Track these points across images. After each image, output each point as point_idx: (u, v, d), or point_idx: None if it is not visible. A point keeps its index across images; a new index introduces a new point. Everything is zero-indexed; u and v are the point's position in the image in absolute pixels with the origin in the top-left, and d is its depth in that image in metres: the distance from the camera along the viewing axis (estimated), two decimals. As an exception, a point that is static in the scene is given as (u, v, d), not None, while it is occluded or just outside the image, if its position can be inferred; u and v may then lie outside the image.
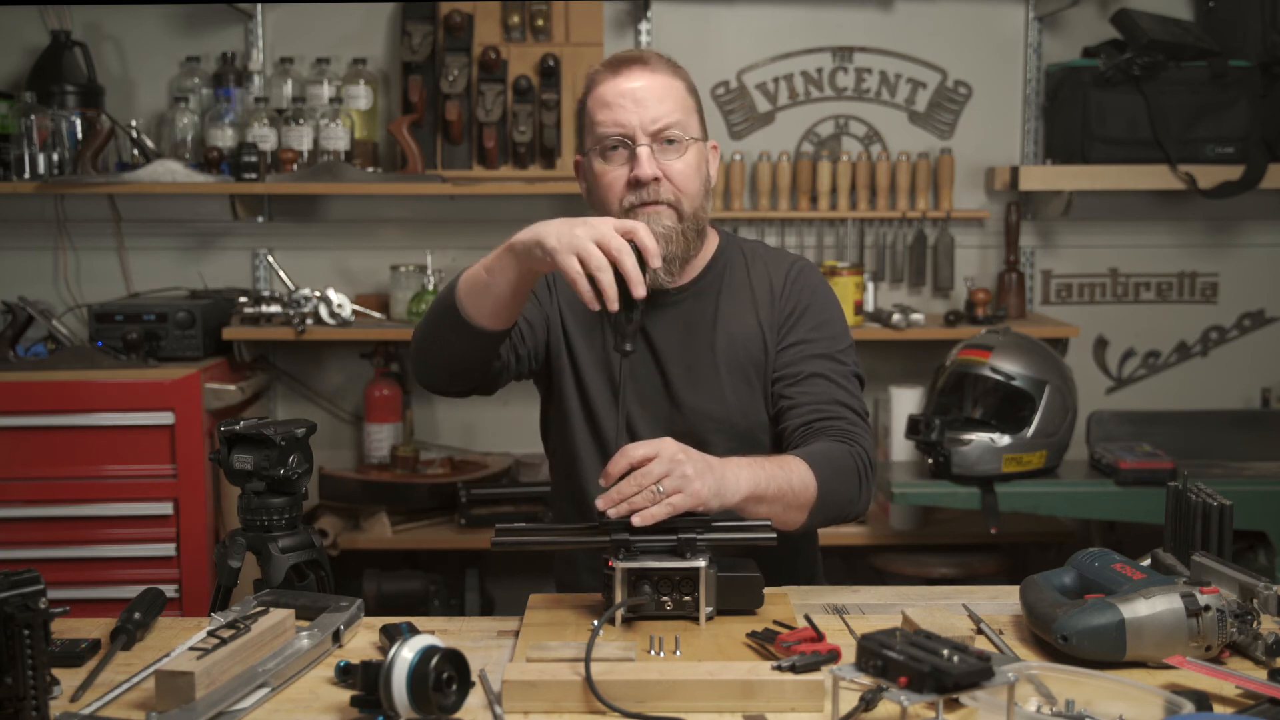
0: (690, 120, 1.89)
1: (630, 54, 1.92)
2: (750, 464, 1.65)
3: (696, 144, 1.89)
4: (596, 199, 1.97)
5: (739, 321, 1.92)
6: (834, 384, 1.86)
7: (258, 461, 1.61)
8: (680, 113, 1.87)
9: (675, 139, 1.85)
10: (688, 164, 1.87)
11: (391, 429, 3.48)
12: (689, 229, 1.88)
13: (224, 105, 3.36)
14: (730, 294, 1.95)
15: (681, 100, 1.89)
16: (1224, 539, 1.65)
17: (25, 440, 2.94)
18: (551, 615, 1.58)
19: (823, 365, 1.88)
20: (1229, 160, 3.32)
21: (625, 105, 1.86)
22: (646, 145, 1.85)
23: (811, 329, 1.91)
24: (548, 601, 1.63)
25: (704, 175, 1.91)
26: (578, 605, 1.61)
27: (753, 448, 1.85)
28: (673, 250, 1.86)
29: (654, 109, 1.85)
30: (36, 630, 1.20)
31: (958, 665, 1.15)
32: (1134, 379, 3.68)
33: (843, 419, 1.82)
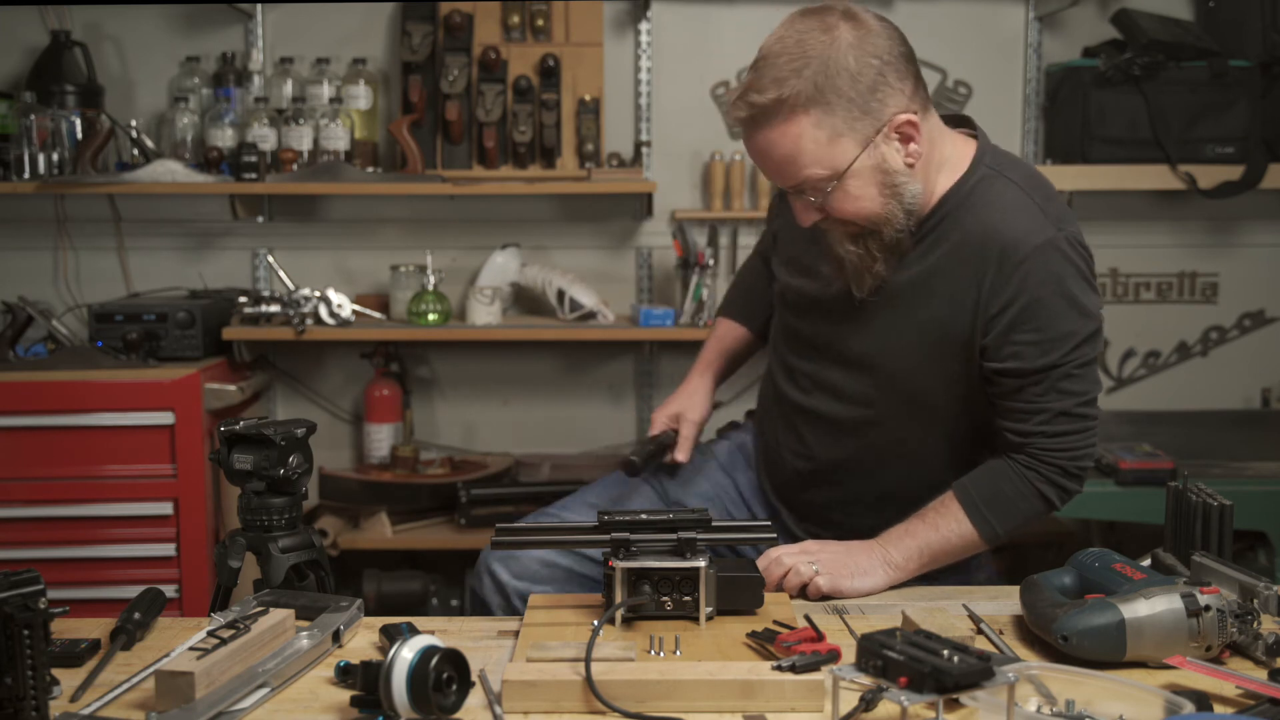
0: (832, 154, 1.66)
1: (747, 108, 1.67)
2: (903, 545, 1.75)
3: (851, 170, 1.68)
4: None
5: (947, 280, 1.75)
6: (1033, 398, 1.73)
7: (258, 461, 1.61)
8: (811, 164, 1.67)
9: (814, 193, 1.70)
10: (845, 195, 1.69)
11: (391, 429, 3.48)
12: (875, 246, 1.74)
13: (224, 105, 3.36)
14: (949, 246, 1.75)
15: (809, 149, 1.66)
16: (1224, 539, 1.65)
17: (25, 440, 2.94)
18: (551, 615, 1.58)
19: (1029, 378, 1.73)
20: (1229, 160, 3.31)
21: (762, 165, 1.74)
22: (797, 197, 1.73)
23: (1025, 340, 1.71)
24: (548, 601, 1.63)
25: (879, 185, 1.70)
26: (578, 605, 1.61)
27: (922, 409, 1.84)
28: (858, 268, 1.76)
29: (783, 173, 1.70)
30: (36, 630, 1.20)
31: (958, 665, 1.15)
32: (1134, 379, 3.68)
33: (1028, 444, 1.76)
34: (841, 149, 1.66)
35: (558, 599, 1.65)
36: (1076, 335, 1.72)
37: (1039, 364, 1.72)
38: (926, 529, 1.78)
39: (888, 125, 1.67)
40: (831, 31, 1.65)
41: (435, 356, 3.62)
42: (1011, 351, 1.73)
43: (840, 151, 1.66)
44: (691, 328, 3.29)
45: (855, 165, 1.67)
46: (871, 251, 1.74)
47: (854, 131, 1.66)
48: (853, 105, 1.65)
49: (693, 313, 3.29)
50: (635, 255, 3.56)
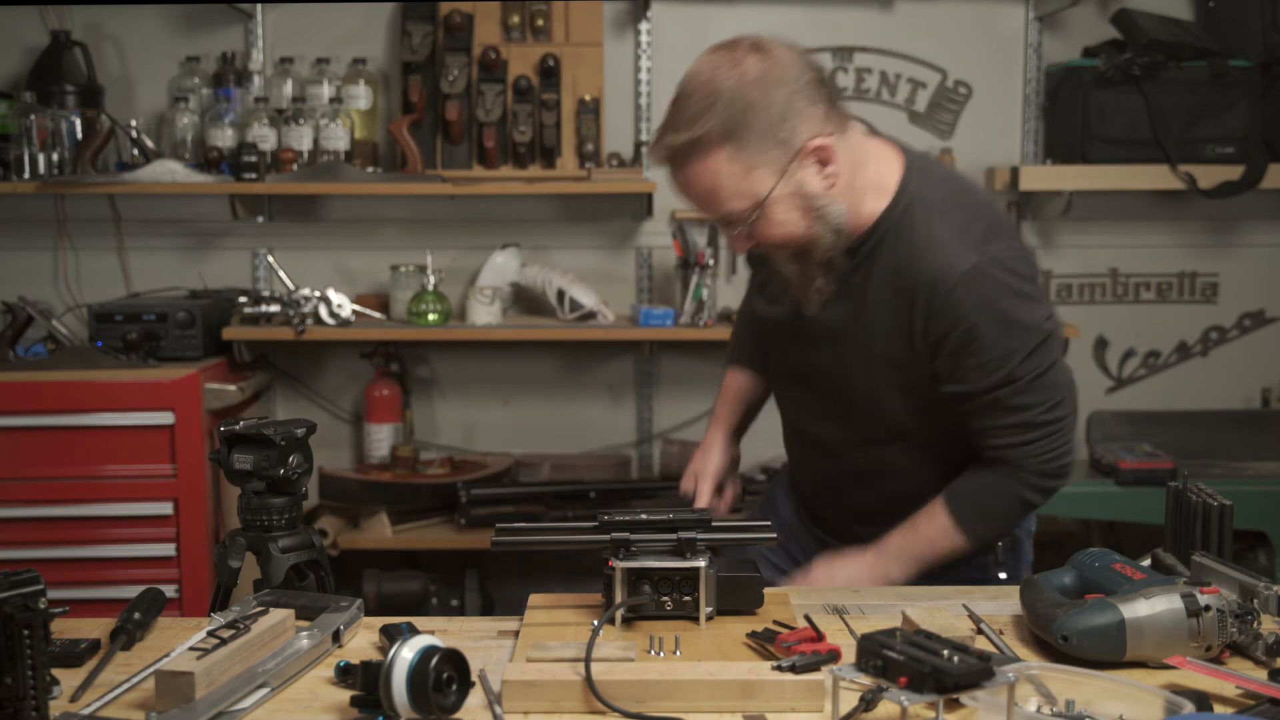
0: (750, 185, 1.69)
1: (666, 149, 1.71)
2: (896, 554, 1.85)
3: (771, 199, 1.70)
4: None
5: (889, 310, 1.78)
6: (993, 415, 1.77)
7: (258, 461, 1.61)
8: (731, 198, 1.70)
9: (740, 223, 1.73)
10: (769, 223, 1.72)
11: (391, 429, 3.48)
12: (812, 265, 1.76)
13: (224, 105, 3.36)
14: (885, 275, 1.77)
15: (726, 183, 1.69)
16: (1224, 539, 1.65)
17: (25, 440, 2.94)
18: (551, 615, 1.57)
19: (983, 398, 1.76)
20: (1229, 160, 3.32)
21: (688, 200, 1.78)
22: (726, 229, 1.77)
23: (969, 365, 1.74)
24: (548, 601, 1.63)
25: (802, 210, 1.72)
26: (578, 605, 1.61)
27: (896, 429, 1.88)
28: (802, 288, 1.79)
29: (708, 207, 1.74)
30: (36, 630, 1.19)
31: (958, 665, 1.15)
32: (1134, 379, 3.68)
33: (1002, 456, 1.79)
34: (758, 179, 1.69)
35: (558, 599, 1.65)
36: (1019, 351, 1.74)
37: (988, 384, 1.75)
38: (920, 544, 1.85)
39: (801, 151, 1.69)
40: (739, 66, 1.68)
41: (435, 356, 3.62)
42: (959, 377, 1.77)
43: (757, 182, 1.69)
44: (691, 328, 3.29)
45: (774, 193, 1.70)
46: (808, 270, 1.78)
47: (768, 162, 1.69)
48: (764, 137, 1.67)
49: (693, 313, 3.29)
50: (635, 255, 3.56)
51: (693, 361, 3.60)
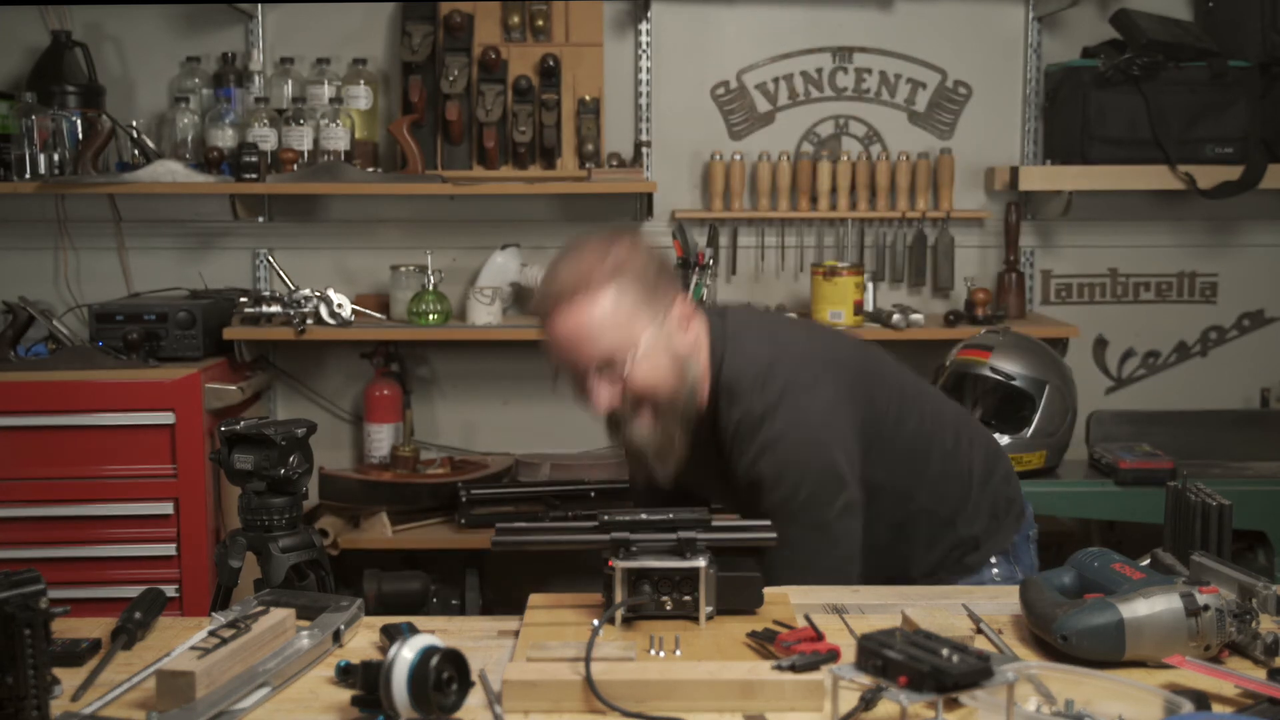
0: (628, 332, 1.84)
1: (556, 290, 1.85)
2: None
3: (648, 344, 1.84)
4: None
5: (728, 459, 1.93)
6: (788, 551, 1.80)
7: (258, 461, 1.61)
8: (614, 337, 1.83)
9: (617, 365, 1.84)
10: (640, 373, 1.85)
11: (391, 429, 3.48)
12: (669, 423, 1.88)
13: (224, 105, 3.36)
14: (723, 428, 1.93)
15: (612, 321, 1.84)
16: (1223, 539, 1.65)
17: (25, 440, 2.94)
18: (551, 615, 1.58)
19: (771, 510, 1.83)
20: (1228, 160, 3.32)
21: (565, 349, 1.86)
22: (594, 377, 1.86)
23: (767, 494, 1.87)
24: (548, 601, 1.64)
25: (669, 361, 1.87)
26: (578, 605, 1.61)
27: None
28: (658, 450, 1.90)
29: (587, 348, 1.84)
30: (37, 630, 1.20)
31: (957, 665, 1.15)
32: (1134, 379, 3.68)
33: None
34: (639, 323, 1.84)
35: (557, 599, 1.65)
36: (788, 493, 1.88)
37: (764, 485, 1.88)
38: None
39: (671, 308, 1.88)
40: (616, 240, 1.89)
41: (435, 356, 3.62)
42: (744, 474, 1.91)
43: (638, 325, 1.84)
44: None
45: (649, 338, 1.84)
46: (669, 429, 1.88)
47: (647, 308, 1.85)
48: (643, 287, 1.85)
49: (693, 313, 3.29)
50: (635, 255, 3.56)
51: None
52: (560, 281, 1.86)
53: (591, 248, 1.87)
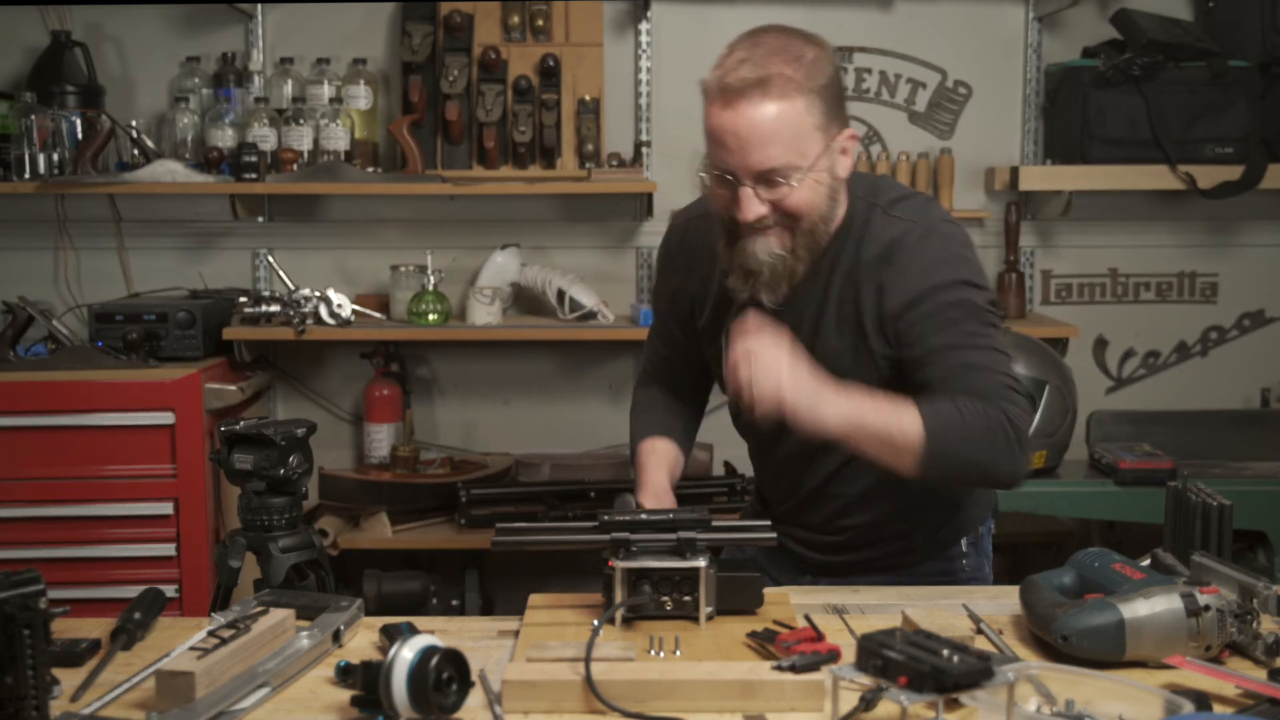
0: (808, 145, 1.69)
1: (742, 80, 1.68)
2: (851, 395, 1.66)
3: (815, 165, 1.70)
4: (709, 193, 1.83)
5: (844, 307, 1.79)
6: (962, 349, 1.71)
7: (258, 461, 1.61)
8: (791, 150, 1.68)
9: (783, 180, 1.69)
10: (801, 194, 1.70)
11: (391, 429, 3.47)
12: (802, 246, 1.74)
13: (224, 105, 3.36)
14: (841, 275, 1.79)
15: (796, 129, 1.68)
16: (1224, 539, 1.65)
17: (25, 440, 2.94)
18: (551, 615, 1.58)
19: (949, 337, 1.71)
20: (1229, 160, 3.32)
21: (728, 144, 1.71)
22: (749, 187, 1.70)
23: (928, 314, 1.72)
24: (548, 601, 1.64)
25: (828, 188, 1.73)
26: (578, 605, 1.61)
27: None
28: (779, 272, 1.75)
29: (757, 153, 1.68)
30: (37, 630, 1.20)
31: (958, 665, 1.15)
32: (1134, 379, 3.68)
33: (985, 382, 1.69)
34: (815, 142, 1.70)
35: (558, 599, 1.65)
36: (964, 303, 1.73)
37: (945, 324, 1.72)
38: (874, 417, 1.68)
39: (841, 135, 1.74)
40: (810, 42, 1.75)
41: (435, 356, 3.62)
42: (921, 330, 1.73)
43: (814, 144, 1.70)
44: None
45: (818, 161, 1.70)
46: (797, 253, 1.75)
47: (825, 130, 1.71)
48: (830, 105, 1.71)
49: (693, 313, 3.29)
50: (635, 255, 3.56)
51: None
52: (757, 68, 1.67)
53: (794, 44, 1.71)
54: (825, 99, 1.70)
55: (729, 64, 1.71)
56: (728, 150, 1.71)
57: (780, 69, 1.67)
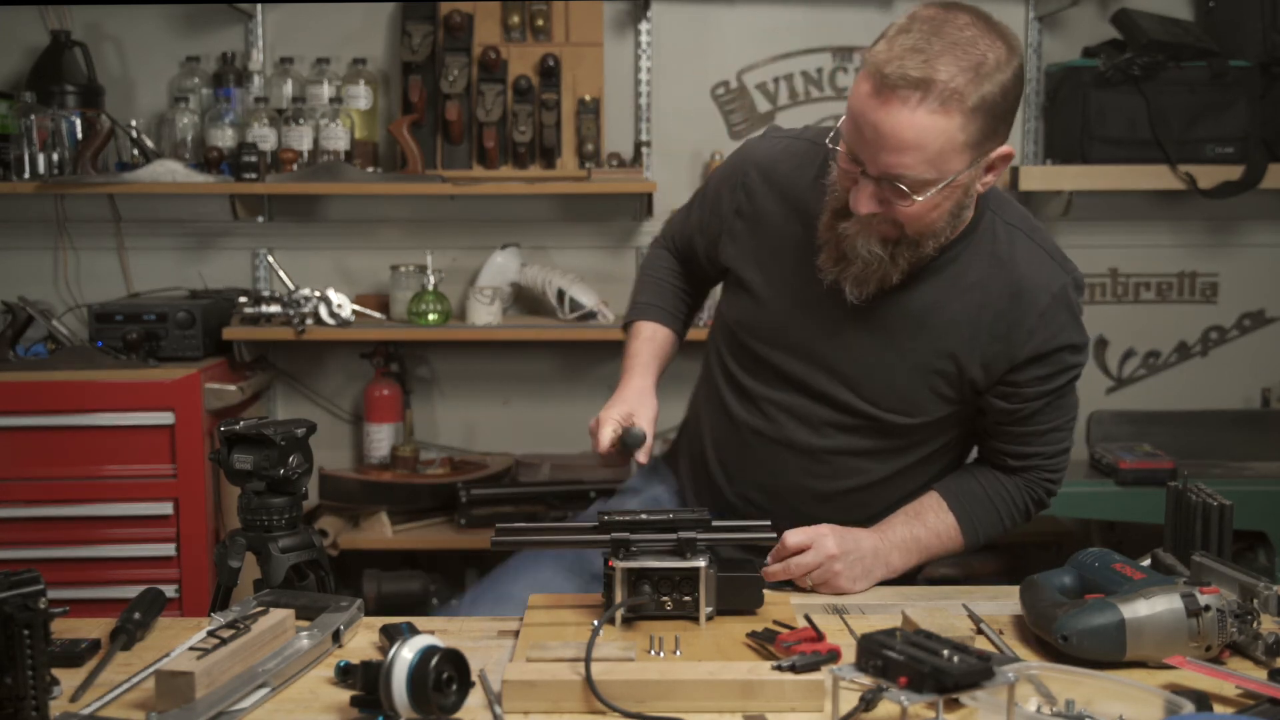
0: (950, 162, 1.57)
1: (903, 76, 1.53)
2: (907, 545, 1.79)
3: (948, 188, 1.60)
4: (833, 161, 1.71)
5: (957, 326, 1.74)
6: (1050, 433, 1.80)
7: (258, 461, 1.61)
8: (928, 164, 1.56)
9: (908, 189, 1.58)
10: (919, 208, 1.60)
11: (391, 429, 3.48)
12: (903, 254, 1.67)
13: (224, 105, 3.36)
14: (959, 290, 1.73)
15: (942, 146, 1.55)
16: (1224, 539, 1.65)
17: (25, 440, 2.94)
18: (551, 615, 1.58)
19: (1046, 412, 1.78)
20: (1229, 160, 3.31)
21: (865, 134, 1.57)
22: (871, 182, 1.60)
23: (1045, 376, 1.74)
24: (548, 601, 1.63)
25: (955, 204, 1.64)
26: (578, 605, 1.61)
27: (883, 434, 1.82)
28: (871, 270, 1.68)
29: (890, 156, 1.56)
30: (36, 630, 1.20)
31: (958, 665, 1.15)
32: (1134, 379, 3.68)
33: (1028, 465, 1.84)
34: (959, 160, 1.58)
35: (557, 599, 1.65)
36: (1077, 368, 1.79)
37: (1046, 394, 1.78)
38: (928, 538, 1.82)
39: (994, 152, 1.63)
40: (998, 45, 1.57)
41: (435, 356, 3.62)
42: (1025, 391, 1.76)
43: (956, 162, 1.58)
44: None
45: (957, 178, 1.60)
46: (898, 260, 1.67)
47: (977, 146, 1.59)
48: (988, 126, 1.58)
49: (693, 313, 3.29)
50: (635, 255, 3.56)
51: (692, 361, 3.57)
52: (924, 66, 1.53)
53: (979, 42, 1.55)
54: (989, 114, 1.56)
55: (898, 47, 1.56)
56: (862, 139, 1.58)
57: (949, 74, 1.53)
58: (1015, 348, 1.73)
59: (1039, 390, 1.76)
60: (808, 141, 1.86)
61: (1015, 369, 1.75)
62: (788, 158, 1.85)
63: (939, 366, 1.77)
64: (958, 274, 1.74)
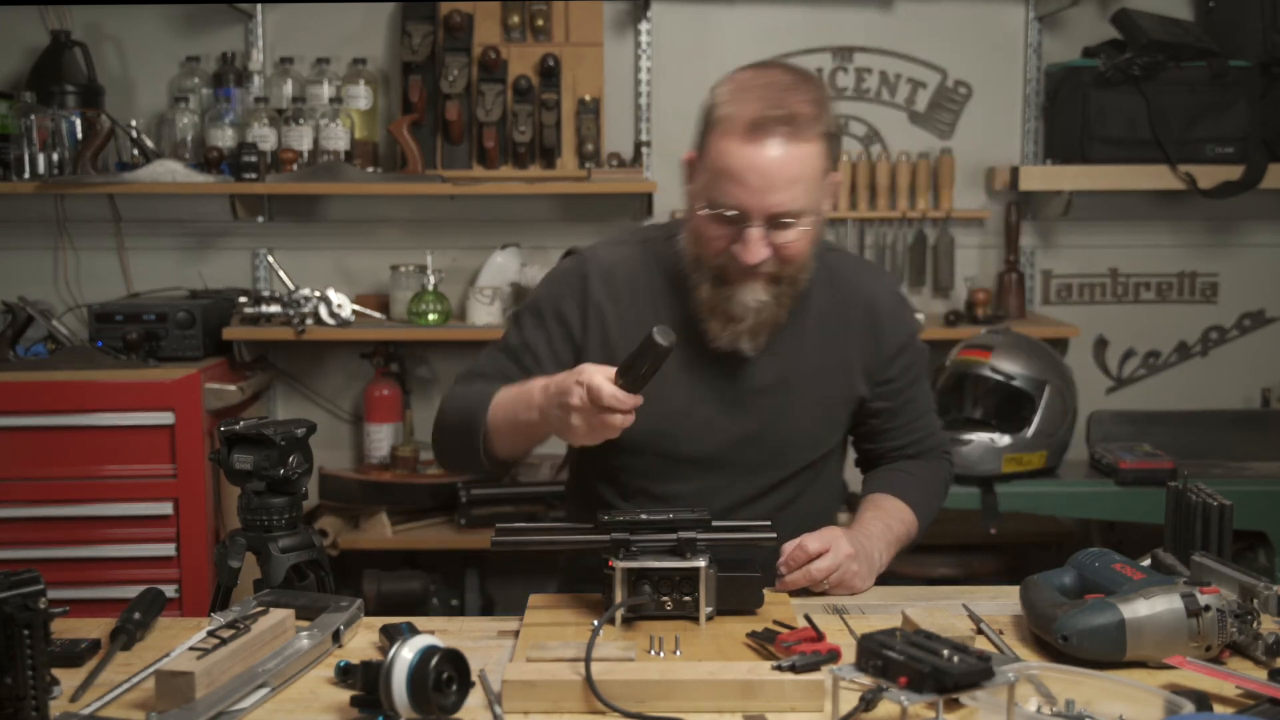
0: (818, 189, 1.68)
1: (772, 116, 1.62)
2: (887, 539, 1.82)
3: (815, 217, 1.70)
4: (691, 232, 1.75)
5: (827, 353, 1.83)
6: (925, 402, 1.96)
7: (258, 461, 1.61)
8: (807, 193, 1.65)
9: (792, 223, 1.66)
10: (803, 239, 1.68)
11: (391, 429, 3.48)
12: (785, 295, 1.74)
13: (224, 105, 3.36)
14: (817, 321, 1.83)
15: (813, 175, 1.66)
16: (1224, 539, 1.65)
17: (25, 440, 2.94)
18: (551, 615, 1.58)
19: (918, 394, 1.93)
20: (1229, 160, 3.32)
21: (748, 182, 1.63)
22: (759, 228, 1.66)
23: (911, 363, 1.91)
24: (548, 601, 1.64)
25: (817, 234, 1.74)
26: (578, 605, 1.61)
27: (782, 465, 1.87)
28: (762, 319, 1.73)
29: (780, 194, 1.63)
30: (36, 630, 1.20)
31: (958, 665, 1.15)
32: (1134, 379, 3.68)
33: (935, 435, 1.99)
34: (819, 187, 1.69)
35: (558, 599, 1.65)
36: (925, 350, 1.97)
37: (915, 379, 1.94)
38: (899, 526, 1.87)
39: (831, 178, 1.74)
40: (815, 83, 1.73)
41: (435, 356, 3.62)
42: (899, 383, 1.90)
43: (819, 188, 1.69)
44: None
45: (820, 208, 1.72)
46: (782, 301, 1.74)
47: (825, 175, 1.70)
48: (832, 152, 1.71)
49: (693, 313, 3.29)
50: (635, 255, 3.55)
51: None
52: (781, 105, 1.62)
53: (806, 84, 1.68)
54: (832, 141, 1.70)
55: (751, 100, 1.64)
56: (746, 188, 1.63)
57: (804, 108, 1.64)
58: (883, 349, 1.87)
59: (911, 378, 1.91)
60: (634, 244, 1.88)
61: (887, 367, 1.88)
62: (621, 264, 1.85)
63: (830, 394, 1.85)
64: (811, 307, 1.83)
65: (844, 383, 1.86)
